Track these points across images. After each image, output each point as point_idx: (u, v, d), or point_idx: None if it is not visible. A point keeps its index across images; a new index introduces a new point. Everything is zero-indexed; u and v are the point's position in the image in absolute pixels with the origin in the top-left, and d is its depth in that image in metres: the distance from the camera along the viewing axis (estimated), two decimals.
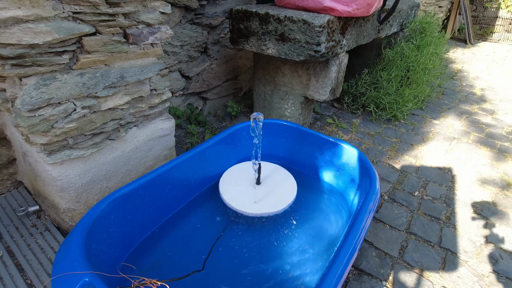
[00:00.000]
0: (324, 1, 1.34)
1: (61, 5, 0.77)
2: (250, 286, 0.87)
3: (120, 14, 0.88)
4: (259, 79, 1.87)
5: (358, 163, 1.10)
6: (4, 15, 0.68)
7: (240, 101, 2.20)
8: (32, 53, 0.76)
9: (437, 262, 1.12)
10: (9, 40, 0.71)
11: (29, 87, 0.79)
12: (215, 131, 1.83)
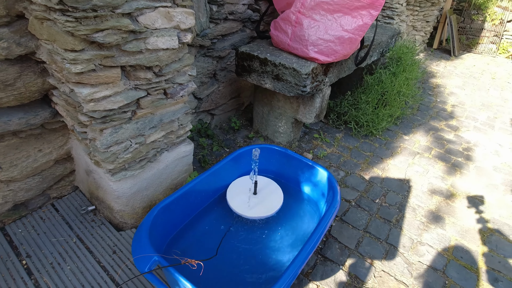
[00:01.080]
0: (310, 52, 1.73)
1: (128, 81, 1.17)
2: (247, 263, 1.31)
3: (163, 80, 1.28)
4: (258, 101, 2.28)
5: (327, 182, 1.52)
6: (99, 95, 1.08)
7: (242, 115, 2.60)
8: (110, 114, 1.16)
9: (381, 253, 1.57)
10: (98, 108, 1.11)
11: (106, 135, 1.19)
12: (221, 143, 2.24)
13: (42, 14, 0.98)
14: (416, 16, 4.17)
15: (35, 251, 1.37)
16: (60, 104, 1.30)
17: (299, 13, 1.73)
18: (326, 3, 1.63)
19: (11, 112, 1.24)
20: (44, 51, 1.15)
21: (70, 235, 1.46)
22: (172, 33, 1.20)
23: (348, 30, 1.66)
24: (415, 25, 4.30)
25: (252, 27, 2.30)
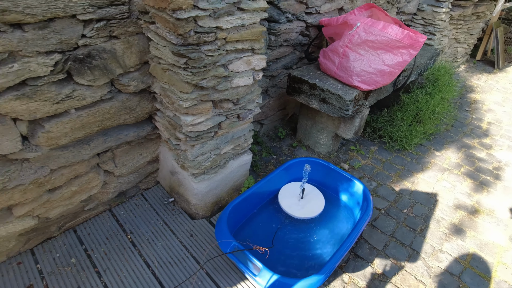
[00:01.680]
0: (354, 82, 2.03)
1: (215, 110, 1.57)
2: (294, 252, 1.68)
3: (238, 108, 1.66)
4: (303, 116, 2.61)
5: (362, 193, 1.84)
6: (196, 121, 1.49)
7: (286, 124, 2.95)
8: (201, 134, 1.57)
9: (405, 256, 1.86)
10: (194, 130, 1.52)
11: (196, 148, 1.60)
12: (269, 150, 2.61)
13: (167, 67, 1.39)
14: (459, 30, 4.22)
15: (135, 229, 1.84)
16: (160, 122, 1.73)
17: (346, 47, 2.02)
18: (371, 41, 1.92)
19: (129, 127, 1.69)
20: (157, 86, 1.57)
21: (158, 219, 1.91)
22: (249, 73, 1.57)
23: (389, 65, 1.94)
24: (458, 38, 4.34)
25: (301, 49, 2.62)
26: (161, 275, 1.62)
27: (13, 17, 1.08)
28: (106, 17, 1.29)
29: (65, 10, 1.18)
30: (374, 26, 1.88)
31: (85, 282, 1.55)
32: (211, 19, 1.25)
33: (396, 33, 1.83)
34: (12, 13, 1.07)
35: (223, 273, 1.64)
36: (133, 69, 1.49)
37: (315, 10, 2.42)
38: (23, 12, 1.09)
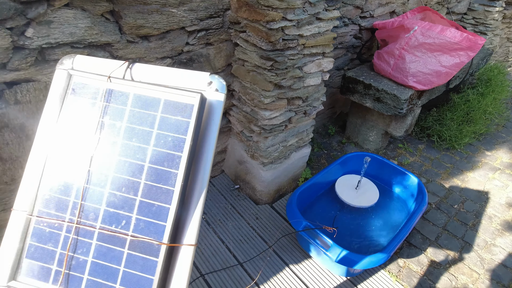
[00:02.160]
0: (409, 82, 2.15)
1: (288, 106, 1.78)
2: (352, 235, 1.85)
3: (306, 105, 1.87)
4: (353, 114, 2.76)
5: (417, 186, 1.97)
6: (272, 116, 1.71)
7: (334, 122, 3.11)
8: (274, 127, 1.79)
9: (457, 247, 1.97)
10: (269, 123, 1.74)
11: (268, 140, 1.83)
12: (320, 145, 2.79)
13: (251, 68, 1.62)
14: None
15: (207, 210, 2.11)
16: (235, 117, 1.98)
17: (403, 49, 2.15)
18: (428, 44, 2.04)
19: None
20: (236, 84, 1.82)
21: (226, 203, 2.17)
22: (319, 74, 1.76)
23: (445, 66, 2.05)
24: (510, 37, 4.23)
25: (353, 51, 2.77)
26: (235, 250, 1.86)
27: (145, 31, 1.36)
28: (206, 28, 1.55)
29: (179, 23, 1.44)
30: (432, 30, 2.00)
31: None
32: (295, 28, 1.46)
33: (454, 36, 1.94)
34: (145, 28, 1.35)
35: (288, 251, 1.85)
36: (220, 70, 1.75)
37: (369, 14, 2.56)
38: (152, 27, 1.37)
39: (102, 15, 1.26)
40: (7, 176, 1.31)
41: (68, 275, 0.49)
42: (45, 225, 0.50)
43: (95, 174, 0.49)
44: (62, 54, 1.20)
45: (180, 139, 0.49)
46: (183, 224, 0.49)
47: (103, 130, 0.50)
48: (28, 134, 1.27)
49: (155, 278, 0.47)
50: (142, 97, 0.51)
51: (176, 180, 0.48)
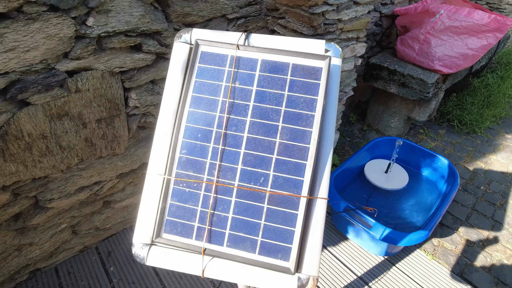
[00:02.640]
0: (435, 66, 2.18)
1: None
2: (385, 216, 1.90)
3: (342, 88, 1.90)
4: (374, 101, 2.79)
5: (448, 167, 2.01)
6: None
7: (354, 110, 3.14)
8: None
9: (488, 226, 2.01)
10: None
11: None
12: (342, 133, 2.82)
13: None
14: None
15: None
16: None
17: (428, 34, 2.18)
18: (454, 27, 2.06)
19: None
20: None
21: None
22: (352, 60, 1.79)
23: (472, 48, 2.07)
24: None
25: (373, 39, 2.79)
26: None
27: (191, 19, 1.39)
28: (245, 15, 1.57)
29: (221, 11, 1.47)
30: (459, 13, 2.02)
31: None
32: (334, 12, 1.49)
33: (482, 18, 1.96)
34: (191, 16, 1.38)
35: (324, 235, 1.90)
36: None
37: (389, 0, 2.58)
38: (197, 15, 1.39)
39: (151, 3, 1.29)
40: (64, 164, 1.35)
41: (210, 230, 0.53)
42: (184, 185, 0.54)
43: (229, 136, 0.53)
44: (118, 43, 1.23)
45: (311, 100, 0.52)
46: (315, 179, 0.53)
47: (235, 94, 0.54)
48: (85, 122, 1.31)
49: (296, 229, 0.51)
50: (270, 62, 0.54)
51: (311, 138, 0.52)
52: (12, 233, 1.43)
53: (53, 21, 1.05)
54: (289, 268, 0.50)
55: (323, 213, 0.52)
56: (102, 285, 1.64)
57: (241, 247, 0.51)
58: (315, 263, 0.50)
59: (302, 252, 0.50)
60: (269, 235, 0.50)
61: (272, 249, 0.50)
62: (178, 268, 0.53)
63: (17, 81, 1.09)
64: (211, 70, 0.56)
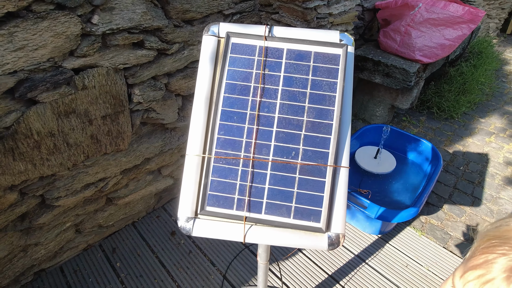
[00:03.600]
0: (416, 56, 2.33)
1: None
2: (377, 196, 2.02)
3: None
4: (360, 91, 2.92)
5: (431, 149, 2.16)
6: None
7: None
8: None
9: (469, 202, 2.19)
10: None
11: None
12: None
13: None
14: (491, 5, 4.40)
15: None
16: None
17: (408, 26, 2.32)
18: (432, 19, 2.21)
19: None
20: None
21: None
22: None
23: (449, 39, 2.23)
24: (489, 14, 4.52)
25: (356, 32, 2.91)
26: None
27: (190, 15, 1.43)
28: (240, 11, 1.63)
29: (218, 7, 1.52)
30: (436, 5, 2.17)
31: None
32: (325, 7, 1.57)
33: (457, 10, 2.11)
34: (190, 12, 1.42)
35: None
36: None
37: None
38: (195, 11, 1.44)
39: (151, 1, 1.33)
40: (70, 161, 1.36)
41: (250, 201, 0.60)
42: (224, 162, 0.60)
43: (262, 117, 0.60)
44: (122, 40, 1.26)
45: (332, 83, 0.60)
46: (338, 151, 0.61)
47: (265, 80, 0.61)
48: (91, 119, 1.33)
49: (324, 195, 0.59)
50: (295, 51, 0.62)
51: (334, 115, 0.60)
52: (18, 233, 1.44)
53: (61, 19, 1.08)
54: (321, 227, 0.58)
55: (345, 179, 0.60)
56: (110, 280, 1.66)
57: (277, 213, 0.58)
58: (341, 222, 0.59)
59: (330, 213, 0.58)
60: (301, 201, 0.58)
61: (304, 213, 0.58)
62: (222, 236, 0.59)
63: (25, 79, 1.10)
64: (242, 59, 0.62)
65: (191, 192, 0.60)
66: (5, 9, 0.96)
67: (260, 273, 0.88)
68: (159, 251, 1.80)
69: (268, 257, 0.85)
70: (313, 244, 0.58)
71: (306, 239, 0.58)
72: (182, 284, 1.65)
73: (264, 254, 0.83)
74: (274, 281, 1.65)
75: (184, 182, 0.61)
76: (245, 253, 1.80)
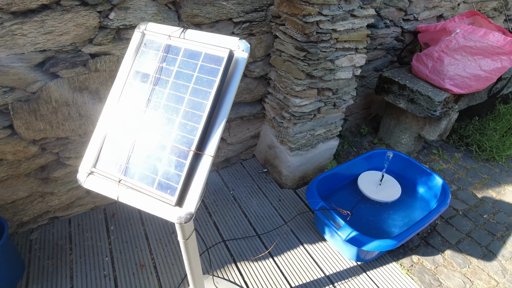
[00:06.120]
0: (445, 84, 2.16)
1: (317, 97, 1.92)
2: (369, 224, 1.93)
3: (336, 97, 1.99)
4: (387, 115, 2.78)
5: (441, 187, 1.98)
6: (302, 104, 1.87)
7: (368, 123, 3.14)
8: (303, 115, 1.94)
9: (479, 254, 1.93)
10: (299, 111, 1.90)
11: (297, 126, 1.98)
12: (350, 143, 2.86)
13: (287, 58, 1.80)
14: None
15: (235, 188, 2.32)
16: (269, 104, 2.16)
17: (442, 52, 2.16)
18: (469, 47, 2.03)
19: (245, 105, 2.17)
20: (273, 73, 2.00)
21: (253, 184, 2.36)
22: (350, 69, 1.88)
23: (485, 70, 2.02)
24: None
25: (393, 53, 2.79)
26: (255, 224, 2.05)
27: (199, 20, 1.61)
28: (250, 20, 1.76)
29: (227, 15, 1.67)
30: (474, 33, 2.00)
31: (198, 219, 2.07)
32: (329, 23, 1.61)
33: (497, 40, 1.92)
34: (198, 17, 1.60)
35: (304, 232, 1.99)
36: (259, 59, 1.95)
37: (413, 17, 2.59)
38: (204, 16, 1.61)
39: (166, 4, 1.54)
40: (81, 130, 1.64)
41: (126, 167, 0.72)
42: (117, 137, 0.73)
43: (152, 101, 0.71)
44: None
45: (212, 80, 0.69)
46: (206, 140, 0.69)
47: (162, 72, 0.73)
48: (101, 97, 1.59)
49: (182, 174, 0.68)
50: (190, 50, 0.72)
51: (205, 108, 0.68)
52: (38, 181, 1.76)
53: (82, 13, 1.34)
54: (172, 201, 0.67)
55: (207, 166, 0.68)
56: (102, 239, 1.91)
57: (145, 182, 0.69)
58: (194, 202, 0.67)
59: (184, 192, 0.67)
60: (164, 176, 0.68)
61: (164, 186, 0.68)
62: (102, 192, 0.72)
63: (51, 57, 1.39)
64: (150, 52, 0.75)
65: (91, 154, 0.75)
66: (40, 1, 1.25)
67: (184, 252, 0.96)
68: (147, 225, 2.00)
69: (187, 235, 0.94)
70: (164, 213, 0.67)
71: (160, 208, 0.67)
72: (156, 258, 1.81)
73: (179, 231, 0.93)
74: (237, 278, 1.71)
75: (89, 146, 0.76)
76: (220, 247, 1.89)
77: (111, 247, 1.87)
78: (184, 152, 0.67)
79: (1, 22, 1.20)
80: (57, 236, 1.91)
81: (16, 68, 1.32)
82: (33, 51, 1.33)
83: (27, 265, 1.75)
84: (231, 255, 1.85)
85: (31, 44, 1.29)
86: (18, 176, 1.66)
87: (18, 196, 1.73)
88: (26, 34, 1.26)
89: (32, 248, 1.84)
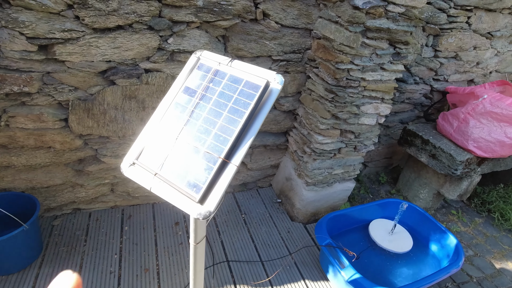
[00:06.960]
0: (469, 146, 2.18)
1: (340, 137, 2.02)
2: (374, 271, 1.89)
3: (357, 141, 2.07)
4: (408, 167, 2.80)
5: (455, 247, 1.93)
6: (324, 142, 1.97)
7: (388, 173, 3.15)
8: (323, 152, 2.03)
9: None
10: (320, 148, 2.00)
11: (316, 162, 2.07)
12: (367, 189, 2.86)
13: (316, 98, 1.94)
14: None
15: (248, 212, 2.39)
16: (293, 137, 2.29)
17: (468, 114, 2.22)
18: (495, 113, 2.08)
19: (271, 135, 2.30)
20: (301, 110, 2.14)
21: (265, 212, 2.42)
22: (374, 116, 1.98)
23: (511, 138, 2.04)
24: None
25: (420, 109, 2.87)
26: (261, 250, 2.08)
27: (242, 53, 1.81)
28: (287, 59, 1.94)
29: (268, 52, 1.87)
30: (502, 101, 2.05)
31: (208, 235, 2.14)
32: (359, 72, 1.75)
33: None
34: (242, 51, 1.81)
35: (307, 267, 1.99)
36: (290, 95, 2.11)
37: (443, 78, 2.69)
38: (247, 51, 1.81)
39: (216, 37, 1.76)
40: (121, 132, 1.83)
41: (163, 163, 0.84)
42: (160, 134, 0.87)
43: (195, 112, 0.86)
44: (185, 58, 1.71)
45: (247, 103, 0.82)
46: (234, 151, 0.81)
47: (207, 90, 0.87)
48: (145, 106, 1.79)
49: (209, 177, 0.79)
50: (234, 76, 0.87)
51: (239, 124, 0.81)
52: (74, 171, 1.95)
53: (147, 35, 1.57)
54: (196, 198, 0.78)
55: (231, 174, 0.79)
56: (115, 237, 2.02)
57: (177, 179, 0.81)
58: (214, 203, 0.77)
59: (208, 192, 0.78)
60: (194, 176, 0.80)
61: (192, 184, 0.79)
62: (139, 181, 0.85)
63: (113, 67, 1.62)
64: (200, 74, 0.91)
65: (136, 149, 0.89)
66: (117, 23, 1.49)
67: (191, 256, 1.05)
68: (159, 232, 2.10)
69: (199, 239, 1.03)
70: (187, 208, 0.78)
71: (184, 203, 0.79)
72: (161, 265, 1.88)
73: (192, 233, 1.03)
74: None
75: (135, 143, 0.90)
76: (223, 266, 1.93)
77: (121, 246, 1.96)
78: (214, 158, 0.79)
79: (83, 35, 1.45)
80: (76, 226, 2.05)
81: (84, 72, 1.56)
82: (101, 60, 1.57)
83: (45, 247, 1.88)
84: (232, 276, 1.88)
85: (101, 55, 1.53)
86: (58, 164, 1.86)
87: (53, 182, 1.91)
88: (99, 47, 1.50)
89: (53, 233, 1.98)
